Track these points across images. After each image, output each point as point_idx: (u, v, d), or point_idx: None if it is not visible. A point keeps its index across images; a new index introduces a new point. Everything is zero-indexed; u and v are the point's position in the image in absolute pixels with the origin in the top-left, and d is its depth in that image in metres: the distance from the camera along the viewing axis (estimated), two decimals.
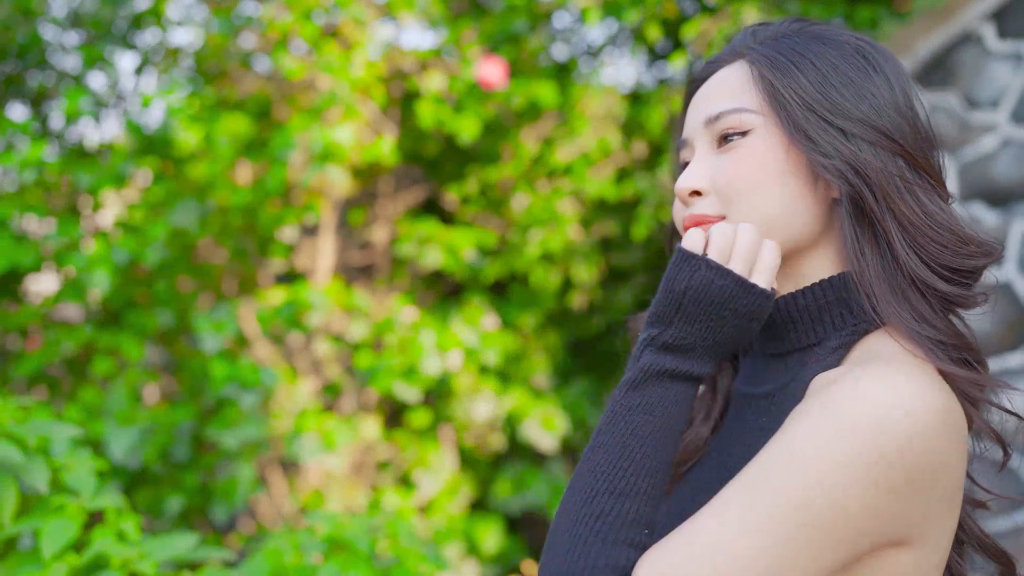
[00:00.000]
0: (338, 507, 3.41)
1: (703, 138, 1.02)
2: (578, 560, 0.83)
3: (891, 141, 0.95)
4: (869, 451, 0.81)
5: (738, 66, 1.03)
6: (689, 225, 1.00)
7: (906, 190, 0.94)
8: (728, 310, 0.91)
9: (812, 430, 0.83)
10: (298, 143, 2.86)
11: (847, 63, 0.98)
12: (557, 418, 3.50)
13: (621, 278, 3.88)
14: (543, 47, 3.43)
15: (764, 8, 3.01)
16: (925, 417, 0.83)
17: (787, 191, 0.97)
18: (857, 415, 0.82)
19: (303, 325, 3.23)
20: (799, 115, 0.95)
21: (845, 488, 0.81)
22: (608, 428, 0.89)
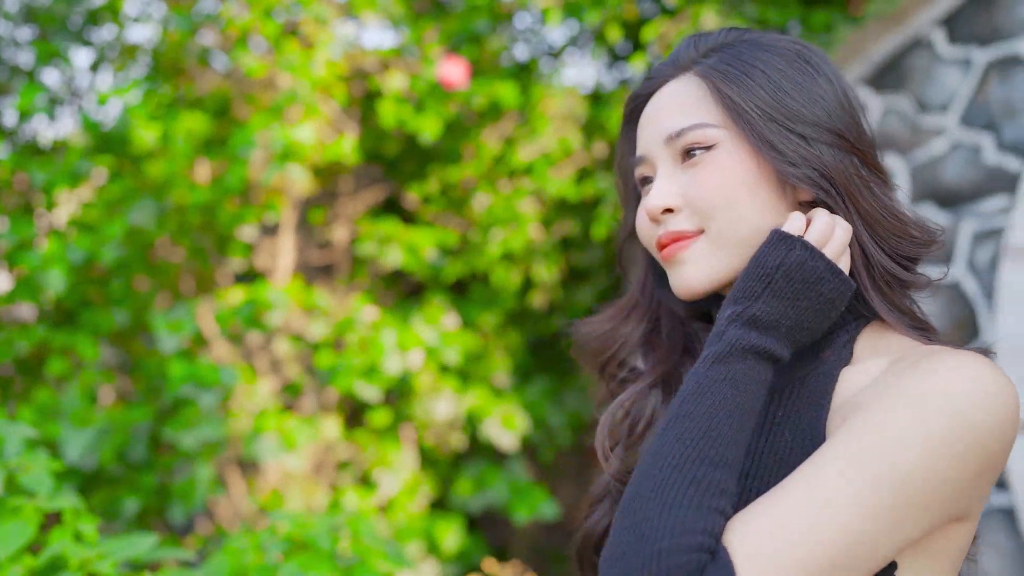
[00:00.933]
0: (298, 507, 3.39)
1: (664, 154, 1.04)
2: (674, 525, 0.80)
3: (845, 141, 0.99)
4: (966, 431, 0.84)
5: (688, 80, 1.04)
6: (667, 242, 1.02)
7: (864, 187, 0.99)
8: (816, 291, 0.93)
9: (909, 410, 0.84)
10: (258, 142, 2.84)
11: (793, 68, 1.01)
12: (518, 417, 3.51)
13: (581, 278, 3.90)
14: (504, 47, 3.45)
15: (722, 11, 3.04)
16: (1008, 402, 0.87)
17: (759, 200, 0.99)
18: (956, 397, 0.85)
19: (263, 325, 3.21)
20: (762, 126, 0.98)
21: (942, 466, 0.83)
22: (694, 399, 0.88)
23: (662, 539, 0.79)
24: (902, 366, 0.91)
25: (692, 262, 1.01)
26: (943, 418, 0.84)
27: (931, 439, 0.83)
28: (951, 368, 0.86)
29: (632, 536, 0.81)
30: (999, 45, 2.69)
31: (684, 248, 1.01)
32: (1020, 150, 2.63)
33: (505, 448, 3.61)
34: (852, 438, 0.84)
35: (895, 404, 0.85)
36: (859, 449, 0.83)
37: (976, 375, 0.86)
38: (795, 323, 0.93)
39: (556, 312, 3.95)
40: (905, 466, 0.82)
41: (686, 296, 1.03)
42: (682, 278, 1.02)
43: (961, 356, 0.88)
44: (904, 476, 0.82)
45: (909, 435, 0.83)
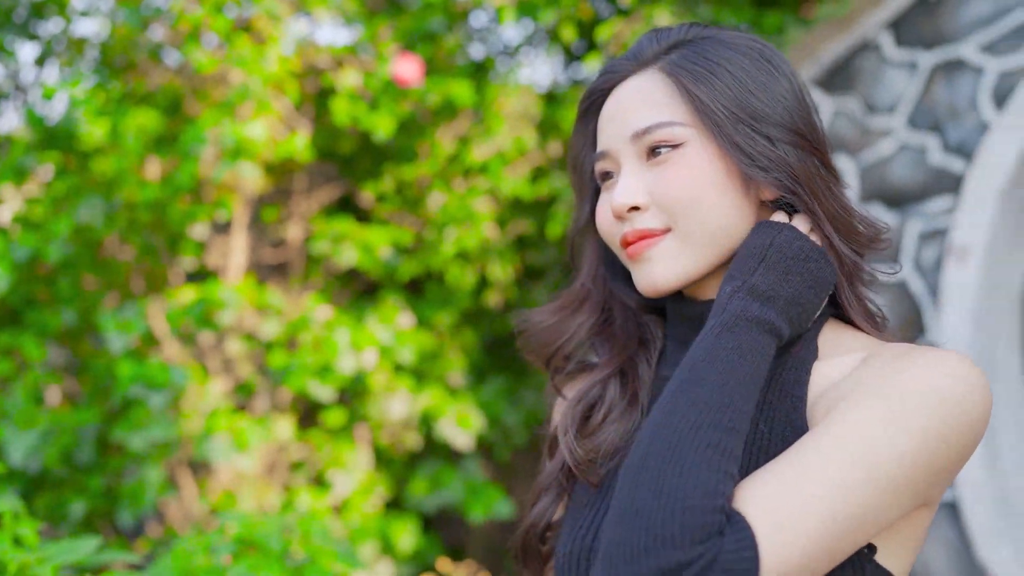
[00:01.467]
0: (251, 508, 3.35)
1: (629, 151, 1.03)
2: (696, 486, 0.80)
3: (806, 141, 1.01)
4: (950, 421, 0.87)
5: (652, 76, 1.03)
6: (634, 240, 1.02)
7: (824, 187, 1.01)
8: (805, 268, 0.97)
9: (901, 399, 0.87)
10: (209, 138, 2.81)
11: (756, 68, 1.01)
12: (473, 416, 3.51)
13: (536, 277, 3.91)
14: (460, 46, 3.44)
15: (676, 12, 3.07)
16: (986, 397, 0.91)
17: (727, 200, 1.00)
18: (943, 389, 0.88)
19: (215, 324, 3.17)
20: (730, 128, 0.98)
21: (929, 452, 0.87)
22: (705, 365, 0.89)
23: (687, 498, 0.80)
24: (880, 361, 0.93)
25: (659, 260, 1.01)
26: (934, 408, 0.87)
27: (924, 426, 0.86)
28: (936, 363, 0.90)
29: (650, 493, 0.81)
30: (944, 48, 2.74)
31: (651, 246, 1.01)
32: (964, 152, 2.68)
33: (460, 447, 3.60)
34: (851, 419, 0.87)
35: (889, 393, 0.88)
36: (860, 429, 0.86)
37: (958, 370, 0.90)
38: (791, 297, 0.95)
39: (511, 311, 3.95)
40: (901, 447, 0.85)
41: (652, 294, 1.03)
42: (649, 276, 1.02)
43: (942, 352, 0.92)
44: (899, 457, 0.85)
45: (904, 421, 0.86)
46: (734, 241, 1.01)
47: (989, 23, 2.66)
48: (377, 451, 3.65)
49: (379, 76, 2.99)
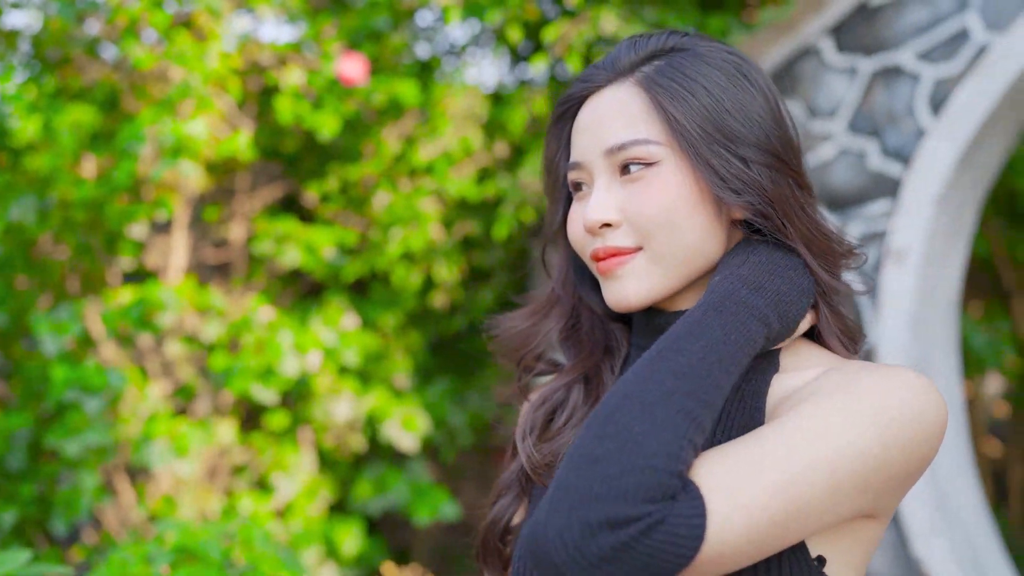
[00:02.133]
0: (191, 514, 3.29)
1: (602, 165, 1.02)
2: (660, 446, 0.80)
3: (781, 161, 1.00)
4: (912, 432, 0.89)
5: (629, 89, 1.02)
6: (604, 256, 1.01)
7: (798, 207, 1.00)
8: (788, 275, 0.97)
9: (866, 400, 0.88)
10: (148, 136, 2.74)
11: (733, 85, 1.01)
12: (418, 418, 3.48)
13: (482, 278, 3.90)
14: (405, 45, 3.41)
15: (621, 14, 3.08)
16: (943, 415, 0.92)
17: (699, 220, 1.00)
18: (911, 401, 0.89)
19: (154, 326, 3.09)
20: (703, 148, 0.98)
21: (888, 455, 0.88)
22: (688, 339, 0.88)
23: (650, 456, 0.79)
24: (840, 373, 0.94)
25: (630, 277, 1.01)
26: (892, 414, 0.88)
27: (881, 431, 0.87)
28: (896, 375, 0.91)
29: (613, 444, 0.80)
30: (883, 55, 2.80)
31: (622, 264, 1.01)
32: (902, 156, 2.74)
33: (406, 449, 3.57)
34: (813, 413, 0.88)
35: (850, 395, 0.89)
36: (821, 423, 0.87)
37: (917, 384, 0.91)
38: (778, 293, 0.96)
39: (457, 312, 3.93)
40: (859, 446, 0.86)
41: (621, 309, 1.03)
42: (619, 293, 1.02)
43: (901, 367, 0.93)
44: (856, 455, 0.86)
45: (863, 422, 0.87)
46: (705, 260, 1.02)
47: (925, 31, 2.72)
48: (321, 454, 3.61)
49: (324, 75, 2.95)
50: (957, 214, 2.73)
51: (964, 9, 2.64)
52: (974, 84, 2.59)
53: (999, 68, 2.55)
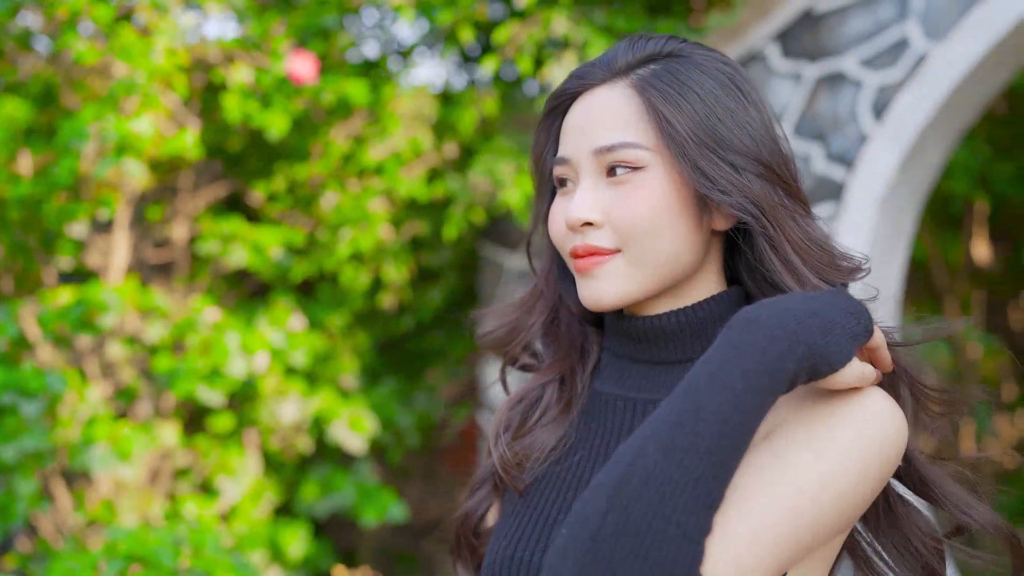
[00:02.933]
0: (132, 519, 3.22)
1: (589, 164, 1.03)
2: (675, 556, 0.78)
3: (770, 171, 1.01)
4: (880, 456, 0.91)
5: (623, 90, 1.03)
6: (583, 254, 1.02)
7: (788, 217, 1.00)
8: (842, 331, 0.92)
9: (846, 432, 0.90)
10: (91, 133, 2.67)
11: (725, 93, 1.01)
12: (366, 419, 3.46)
13: (430, 278, 3.89)
14: (353, 43, 3.39)
15: (572, 16, 3.10)
16: (903, 434, 0.94)
17: (680, 228, 1.01)
18: (882, 427, 0.91)
19: (95, 327, 3.02)
20: (695, 153, 0.98)
21: (867, 485, 0.90)
22: (735, 418, 0.82)
23: (667, 564, 0.77)
24: (813, 405, 0.94)
25: (606, 278, 1.02)
26: (864, 449, 0.90)
27: (860, 468, 0.90)
28: (872, 406, 0.92)
29: (630, 548, 0.77)
30: (826, 61, 2.86)
31: (600, 264, 1.02)
32: (845, 160, 2.81)
33: (354, 450, 3.55)
34: (791, 470, 0.88)
35: (823, 441, 0.90)
36: (799, 478, 0.87)
37: (889, 411, 0.93)
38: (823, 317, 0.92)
39: (405, 313, 3.92)
40: (842, 482, 0.89)
41: (593, 308, 1.04)
42: (593, 292, 1.03)
43: (876, 395, 0.93)
44: (840, 491, 0.89)
45: (841, 467, 0.89)
46: (681, 268, 1.03)
47: (867, 39, 2.79)
48: (266, 456, 3.56)
49: (273, 72, 2.91)
50: (898, 217, 2.81)
51: (904, 18, 2.72)
52: (915, 91, 2.67)
53: (938, 76, 2.63)
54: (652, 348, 1.06)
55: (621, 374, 1.09)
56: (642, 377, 1.07)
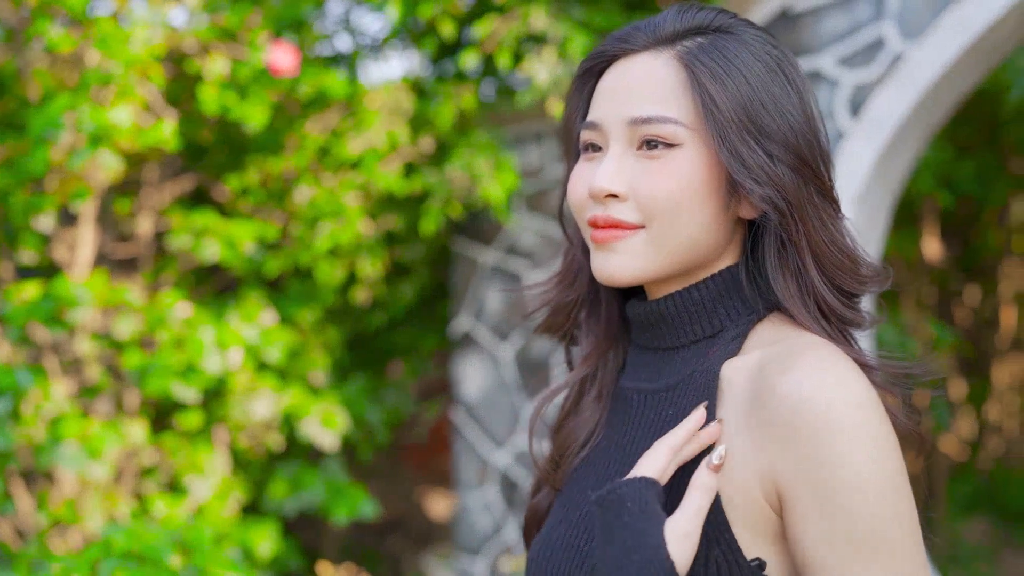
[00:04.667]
0: (97, 519, 3.14)
1: (621, 133, 0.98)
2: None
3: (805, 165, 0.97)
4: (885, 447, 0.89)
5: (668, 61, 0.98)
6: (604, 226, 0.98)
7: (815, 216, 0.97)
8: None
9: (858, 479, 0.87)
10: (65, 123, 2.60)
11: (771, 78, 0.98)
12: (338, 415, 3.43)
13: (403, 273, 3.87)
14: (326, 36, 3.35)
15: (551, 12, 3.10)
16: (876, 402, 0.91)
17: (707, 212, 0.97)
18: (864, 421, 0.88)
19: (63, 323, 2.94)
20: (735, 137, 0.94)
21: (902, 483, 0.89)
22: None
23: None
24: (764, 381, 0.92)
25: (624, 253, 0.98)
26: (877, 439, 0.89)
27: (886, 458, 0.89)
28: (849, 433, 0.88)
29: None
30: (803, 60, 2.91)
31: (620, 239, 0.98)
32: None
33: (326, 448, 3.51)
34: (837, 529, 0.88)
35: (832, 508, 0.88)
36: (859, 532, 0.87)
37: (840, 393, 0.88)
38: None
39: (376, 308, 3.89)
40: (891, 508, 0.88)
41: (605, 283, 1.01)
42: (608, 266, 1.00)
43: (821, 363, 0.90)
44: (896, 515, 0.89)
45: (881, 482, 0.88)
46: (701, 253, 1.00)
47: (844, 38, 2.84)
48: (235, 454, 3.51)
49: (251, 64, 2.86)
50: (873, 214, 2.87)
51: (881, 18, 2.78)
52: (891, 90, 2.73)
53: (914, 75, 2.69)
54: (655, 334, 1.04)
55: (636, 364, 1.08)
56: (649, 366, 1.05)
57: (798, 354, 0.91)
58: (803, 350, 0.91)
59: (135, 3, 2.87)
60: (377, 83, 3.39)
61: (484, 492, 3.76)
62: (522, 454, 3.67)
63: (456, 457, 3.84)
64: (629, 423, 1.04)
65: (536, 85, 3.07)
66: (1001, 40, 2.74)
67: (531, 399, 3.63)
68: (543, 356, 3.61)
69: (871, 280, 1.00)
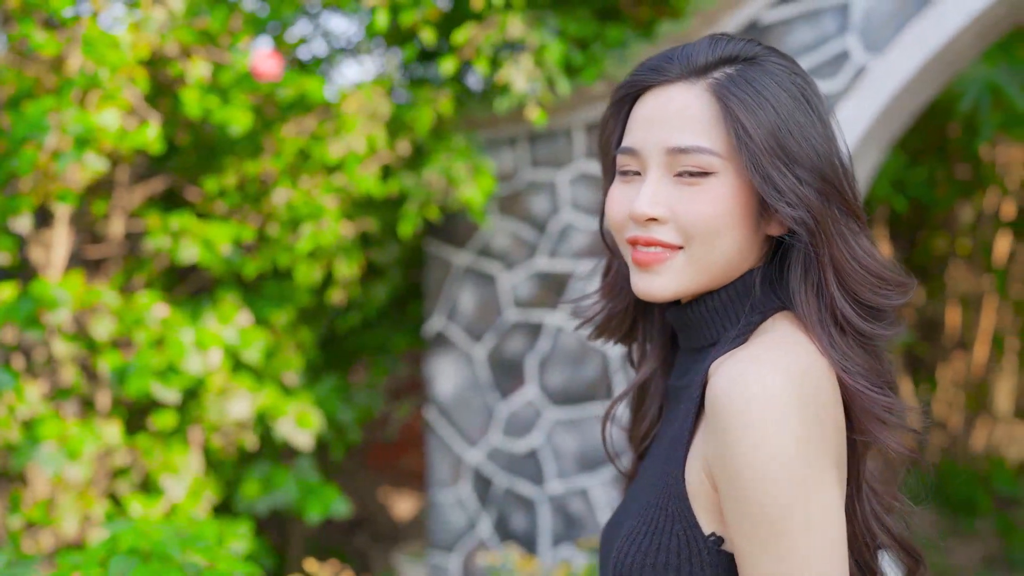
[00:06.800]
0: (72, 520, 3.14)
1: (659, 161, 1.06)
2: None
3: (831, 187, 1.04)
4: (803, 416, 0.96)
5: (701, 93, 1.05)
6: (645, 244, 1.06)
7: (839, 235, 1.04)
8: None
9: (744, 456, 0.95)
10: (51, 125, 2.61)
11: (796, 106, 1.05)
12: (313, 415, 3.47)
13: (378, 274, 3.91)
14: (304, 40, 3.38)
15: (527, 20, 3.18)
16: (790, 388, 0.96)
17: (741, 234, 1.06)
18: (769, 417, 0.95)
19: (41, 325, 2.94)
20: (767, 164, 1.02)
21: (806, 472, 0.95)
22: None
23: None
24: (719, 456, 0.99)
25: (664, 275, 1.06)
26: (779, 434, 0.95)
27: (789, 450, 0.95)
28: (756, 433, 0.95)
29: None
30: None
31: (662, 261, 1.06)
32: None
33: (301, 447, 3.55)
34: (744, 512, 0.96)
35: (753, 509, 0.96)
36: (762, 521, 0.95)
37: (744, 389, 0.95)
38: None
39: (350, 309, 3.93)
40: (809, 507, 0.95)
41: (645, 299, 1.09)
42: (649, 286, 1.07)
43: (750, 361, 0.97)
44: (820, 512, 0.96)
45: (766, 476, 0.95)
46: (735, 270, 1.08)
47: (811, 50, 2.97)
48: (207, 454, 3.53)
49: (235, 68, 2.89)
50: None
51: (845, 32, 2.91)
52: (855, 101, 2.86)
53: (876, 87, 2.82)
54: (687, 335, 1.14)
55: (678, 363, 1.17)
56: (683, 365, 1.15)
57: (740, 351, 1.00)
58: (752, 346, 1.01)
59: (115, 5, 2.88)
60: (350, 86, 3.43)
61: (457, 489, 3.83)
62: (495, 452, 3.74)
63: (429, 455, 3.90)
64: (668, 416, 1.16)
65: (513, 91, 3.15)
66: (956, 55, 2.88)
67: (504, 398, 3.71)
68: (516, 356, 3.68)
69: (895, 292, 1.07)
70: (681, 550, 1.00)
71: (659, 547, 1.00)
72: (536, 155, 3.58)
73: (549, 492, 3.61)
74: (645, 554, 1.01)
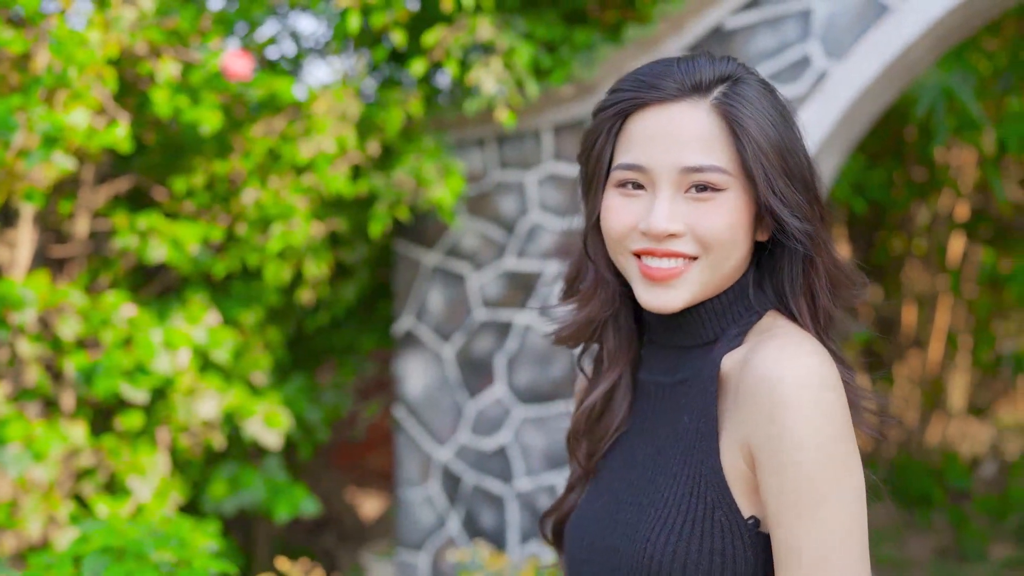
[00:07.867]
0: (37, 521, 3.13)
1: (671, 178, 1.10)
2: None
3: (815, 197, 1.13)
4: (840, 409, 1.05)
5: (706, 113, 1.09)
6: (663, 255, 1.11)
7: (823, 244, 1.13)
8: None
9: (797, 437, 1.03)
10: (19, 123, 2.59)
11: (784, 124, 1.11)
12: (282, 415, 3.47)
13: (346, 274, 3.92)
14: (273, 40, 3.39)
15: (496, 23, 3.22)
16: (827, 383, 1.06)
17: (745, 243, 1.13)
18: (823, 419, 1.04)
19: (7, 325, 2.92)
20: (779, 180, 1.09)
21: (840, 447, 1.05)
22: None
23: None
24: (745, 363, 1.08)
25: (680, 287, 1.12)
26: (831, 435, 1.05)
27: (817, 445, 1.04)
28: (805, 409, 1.04)
29: None
30: None
31: (680, 275, 1.11)
32: None
33: (270, 446, 3.55)
34: (792, 488, 1.04)
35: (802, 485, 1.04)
36: (810, 495, 1.03)
37: (796, 375, 1.04)
38: None
39: (318, 309, 3.94)
40: (845, 495, 1.05)
41: (660, 312, 1.14)
42: (663, 299, 1.12)
43: (785, 346, 1.07)
44: (851, 498, 1.06)
45: (811, 454, 1.03)
46: (735, 275, 1.15)
47: (773, 55, 3.04)
48: (173, 454, 3.52)
49: (206, 67, 2.89)
50: None
51: (807, 38, 2.98)
52: (816, 105, 2.93)
53: (837, 92, 2.90)
54: (675, 335, 1.19)
55: (653, 359, 1.22)
56: (666, 361, 1.20)
57: (770, 339, 1.09)
58: (776, 336, 1.09)
59: (83, 3, 2.87)
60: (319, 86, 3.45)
61: (426, 488, 3.86)
62: (463, 450, 3.78)
63: (398, 454, 3.92)
64: (650, 412, 1.20)
65: (482, 93, 3.18)
66: (914, 61, 2.97)
67: (472, 397, 3.74)
68: (484, 355, 3.72)
69: (860, 290, 1.18)
70: (725, 535, 1.07)
71: (702, 533, 1.07)
72: (505, 156, 3.62)
73: (517, 489, 3.66)
74: (688, 542, 1.07)
